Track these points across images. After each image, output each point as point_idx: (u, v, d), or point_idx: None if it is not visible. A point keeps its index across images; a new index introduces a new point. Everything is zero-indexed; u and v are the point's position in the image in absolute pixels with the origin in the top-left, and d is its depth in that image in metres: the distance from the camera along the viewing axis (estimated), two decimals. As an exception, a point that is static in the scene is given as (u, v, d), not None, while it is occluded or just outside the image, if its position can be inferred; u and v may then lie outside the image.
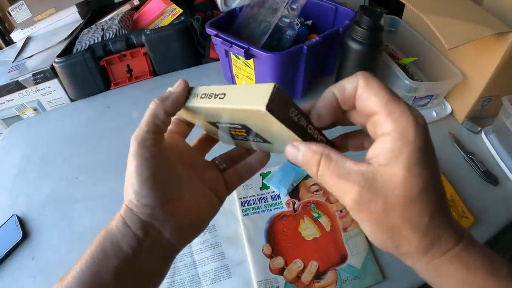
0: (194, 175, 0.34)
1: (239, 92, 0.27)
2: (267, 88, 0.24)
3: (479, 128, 0.75)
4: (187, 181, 0.33)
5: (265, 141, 0.31)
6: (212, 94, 0.29)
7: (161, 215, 0.30)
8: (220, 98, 0.28)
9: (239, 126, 0.30)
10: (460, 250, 0.24)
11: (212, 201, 0.34)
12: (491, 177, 0.66)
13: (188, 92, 0.31)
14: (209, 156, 0.38)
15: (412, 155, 0.22)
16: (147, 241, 0.30)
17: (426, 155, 0.23)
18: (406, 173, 0.22)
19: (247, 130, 0.30)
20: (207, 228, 0.60)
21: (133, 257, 0.29)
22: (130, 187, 0.29)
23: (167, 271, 0.33)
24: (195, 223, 0.33)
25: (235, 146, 0.38)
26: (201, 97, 0.30)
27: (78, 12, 1.04)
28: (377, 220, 0.24)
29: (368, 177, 0.23)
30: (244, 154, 0.38)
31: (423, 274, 0.26)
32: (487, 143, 0.73)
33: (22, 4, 1.01)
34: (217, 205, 0.35)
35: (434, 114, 0.78)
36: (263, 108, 0.23)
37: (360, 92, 0.25)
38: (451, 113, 0.79)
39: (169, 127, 0.34)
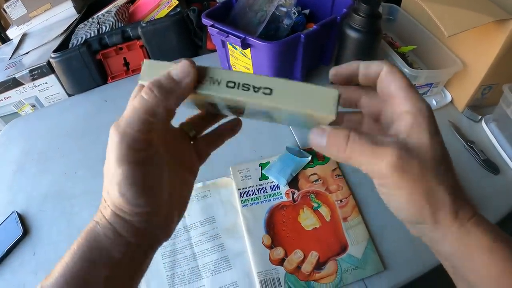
0: (173, 158, 0.30)
1: (289, 90, 0.25)
2: (331, 94, 0.24)
3: (479, 117, 0.75)
4: (171, 171, 0.29)
5: (268, 115, 0.30)
6: (249, 85, 0.25)
7: (157, 220, 0.28)
8: (264, 93, 0.25)
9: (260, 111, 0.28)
10: (480, 217, 0.26)
11: (189, 182, 0.32)
12: (491, 166, 0.66)
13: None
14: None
15: (431, 127, 0.26)
16: (144, 245, 0.28)
17: (437, 127, 0.26)
18: (431, 139, 0.25)
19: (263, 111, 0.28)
20: (206, 219, 0.60)
21: (126, 263, 0.27)
22: (118, 194, 0.25)
23: (150, 262, 0.31)
24: (179, 213, 0.31)
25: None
26: (228, 86, 0.25)
27: (74, 6, 1.03)
28: (415, 183, 0.25)
29: (401, 144, 0.25)
30: (213, 117, 0.34)
31: (452, 244, 0.26)
32: (488, 132, 0.72)
33: (17, 0, 1.00)
34: (193, 182, 0.33)
35: (434, 102, 0.77)
36: (333, 116, 0.24)
37: (384, 76, 0.28)
38: (451, 102, 0.79)
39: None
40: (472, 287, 0.26)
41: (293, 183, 0.64)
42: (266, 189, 0.63)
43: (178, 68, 0.25)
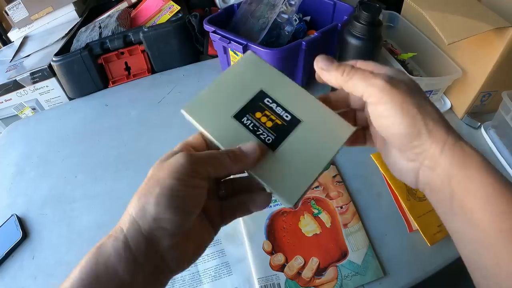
0: (204, 206, 0.32)
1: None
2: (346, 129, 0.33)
3: (479, 124, 0.75)
4: (200, 214, 0.31)
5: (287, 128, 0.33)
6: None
7: (170, 241, 0.28)
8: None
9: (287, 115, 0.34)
10: (462, 144, 0.28)
11: (209, 233, 0.33)
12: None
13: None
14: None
15: (398, 97, 0.28)
16: (148, 267, 0.27)
17: (404, 94, 0.28)
18: (409, 85, 0.29)
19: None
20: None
21: (130, 284, 0.26)
22: (153, 200, 0.27)
23: None
24: (193, 253, 0.31)
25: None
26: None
27: (75, 10, 1.04)
28: (405, 99, 0.27)
29: (389, 76, 0.29)
30: (247, 186, 0.35)
31: (452, 161, 0.27)
32: (487, 139, 0.73)
33: (19, 3, 1.01)
34: (212, 237, 0.33)
35: (434, 109, 0.78)
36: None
37: (348, 86, 0.31)
38: (451, 109, 0.79)
39: (192, 141, 0.34)
40: (467, 214, 0.27)
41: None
42: (266, 195, 0.63)
43: (249, 147, 0.31)
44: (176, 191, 0.27)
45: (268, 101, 0.33)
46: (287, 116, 0.33)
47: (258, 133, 0.32)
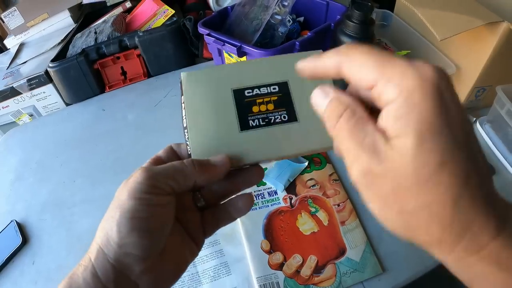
0: (180, 220, 0.30)
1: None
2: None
3: (474, 119, 0.76)
4: (176, 229, 0.29)
5: (290, 118, 0.32)
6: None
7: (140, 266, 0.26)
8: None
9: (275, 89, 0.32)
10: (500, 246, 0.18)
11: (191, 249, 0.31)
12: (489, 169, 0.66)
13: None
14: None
15: (422, 120, 0.18)
16: None
17: (444, 117, 0.18)
18: (418, 144, 0.18)
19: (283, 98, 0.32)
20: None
21: None
22: (115, 225, 0.25)
23: None
24: (172, 274, 0.30)
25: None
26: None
27: (71, 16, 1.04)
28: (386, 203, 0.20)
29: (380, 150, 0.19)
30: (227, 191, 0.32)
31: (453, 271, 0.21)
32: (483, 133, 0.73)
33: (15, 10, 1.01)
34: (195, 252, 0.31)
35: (429, 106, 0.78)
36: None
37: (347, 72, 0.22)
38: (446, 105, 0.80)
39: (161, 156, 0.31)
40: None
41: (290, 188, 0.64)
42: (264, 195, 0.64)
43: (217, 158, 0.29)
44: (136, 212, 0.25)
45: (248, 92, 0.32)
46: (274, 88, 0.32)
47: (272, 121, 0.31)
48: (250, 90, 0.32)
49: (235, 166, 0.30)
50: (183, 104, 0.32)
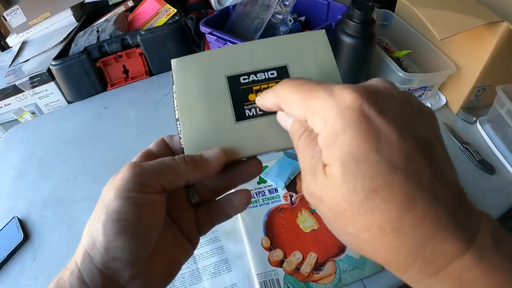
0: (173, 219, 0.29)
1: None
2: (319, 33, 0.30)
3: (474, 119, 0.76)
4: (167, 229, 0.28)
5: None
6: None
7: (129, 271, 0.24)
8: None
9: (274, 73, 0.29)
10: (463, 268, 0.17)
11: (185, 248, 0.29)
12: (487, 166, 0.67)
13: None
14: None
15: (344, 150, 0.18)
16: None
17: (368, 142, 0.18)
18: (343, 174, 0.18)
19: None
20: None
21: None
22: (101, 227, 0.23)
23: None
24: (165, 275, 0.27)
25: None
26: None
27: (73, 15, 1.05)
28: (330, 223, 0.21)
29: (318, 174, 0.20)
30: (222, 187, 0.30)
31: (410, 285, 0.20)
32: (483, 133, 0.73)
33: (17, 8, 1.02)
34: (190, 251, 0.29)
35: (429, 105, 0.79)
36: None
37: (284, 109, 0.24)
38: (446, 104, 0.80)
39: (153, 149, 0.29)
40: None
41: (291, 186, 0.65)
42: (264, 193, 0.64)
43: (211, 153, 0.27)
44: (123, 213, 0.23)
45: (244, 78, 0.29)
46: (272, 73, 0.29)
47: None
48: (246, 76, 0.29)
49: (230, 159, 0.28)
50: (174, 94, 0.30)
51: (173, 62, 0.31)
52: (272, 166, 0.67)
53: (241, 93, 0.29)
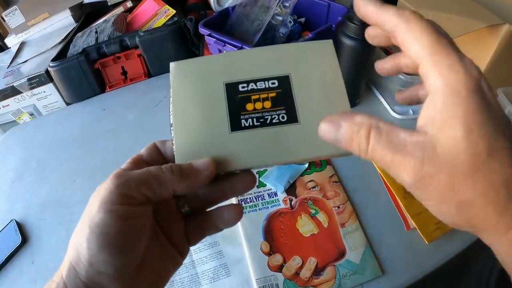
0: (161, 228, 0.28)
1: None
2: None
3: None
4: (154, 240, 0.27)
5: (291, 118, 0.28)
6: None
7: (115, 285, 0.24)
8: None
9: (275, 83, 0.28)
10: None
11: (173, 258, 0.28)
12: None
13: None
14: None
15: (469, 114, 0.19)
16: None
17: (487, 111, 0.19)
18: (467, 136, 0.19)
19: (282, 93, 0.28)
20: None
21: None
22: (85, 240, 0.23)
23: None
24: (153, 287, 0.27)
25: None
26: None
27: (72, 15, 1.04)
28: (444, 198, 0.20)
29: (427, 148, 0.20)
30: (214, 198, 0.29)
31: (504, 257, 0.22)
32: (483, 136, 0.73)
33: (16, 9, 1.01)
34: (179, 261, 0.29)
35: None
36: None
37: (400, 38, 0.22)
38: (446, 107, 0.79)
39: (143, 155, 0.29)
40: None
41: (290, 190, 0.64)
42: (264, 197, 0.64)
43: (200, 162, 0.26)
44: (107, 227, 0.23)
45: (243, 86, 0.28)
46: (273, 83, 0.28)
47: (268, 122, 0.27)
48: (245, 84, 0.28)
49: (222, 171, 0.27)
50: (171, 98, 0.29)
51: (172, 65, 0.30)
52: (271, 170, 0.67)
53: (239, 101, 0.28)
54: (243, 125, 0.27)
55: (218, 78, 0.29)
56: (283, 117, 0.27)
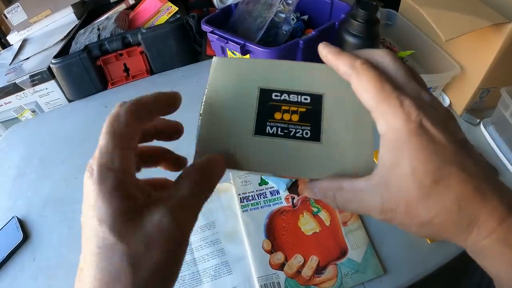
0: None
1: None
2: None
3: (478, 120, 0.75)
4: None
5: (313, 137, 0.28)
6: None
7: None
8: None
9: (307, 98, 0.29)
10: (508, 228, 0.22)
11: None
12: (491, 168, 0.66)
13: None
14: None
15: (412, 154, 0.22)
16: None
17: (430, 146, 0.22)
18: (413, 174, 0.22)
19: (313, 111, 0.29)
20: (206, 224, 0.61)
21: None
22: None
23: None
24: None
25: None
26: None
27: (74, 12, 1.04)
28: (407, 222, 0.24)
29: (382, 189, 0.24)
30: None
31: (472, 256, 0.25)
32: (486, 135, 0.72)
33: (18, 6, 1.01)
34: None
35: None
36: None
37: (353, 87, 0.25)
38: (450, 106, 0.79)
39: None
40: None
41: (292, 188, 0.64)
42: (266, 194, 0.64)
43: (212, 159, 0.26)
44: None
45: (276, 95, 0.29)
46: (305, 99, 0.29)
47: (291, 134, 0.28)
48: (279, 94, 0.29)
49: (232, 168, 0.28)
50: (206, 90, 0.30)
51: (214, 59, 0.31)
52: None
53: (269, 108, 0.29)
54: (267, 132, 0.28)
55: (255, 82, 0.30)
56: (306, 133, 0.28)
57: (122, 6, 1.06)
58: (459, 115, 0.77)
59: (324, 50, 0.27)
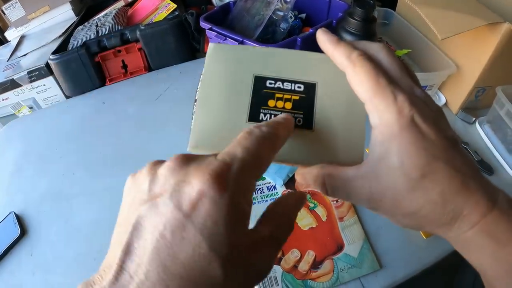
0: None
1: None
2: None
3: (473, 119, 0.76)
4: None
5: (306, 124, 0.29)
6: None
7: None
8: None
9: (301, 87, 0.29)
10: (491, 221, 0.22)
11: None
12: (486, 166, 0.67)
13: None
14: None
15: (401, 148, 0.23)
16: None
17: (419, 141, 0.23)
18: (401, 167, 0.23)
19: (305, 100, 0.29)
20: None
21: None
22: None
23: None
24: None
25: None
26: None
27: (72, 9, 1.04)
28: (393, 212, 0.24)
29: (370, 178, 0.24)
30: None
31: (455, 247, 0.25)
32: (482, 134, 0.73)
33: (16, 2, 1.01)
34: None
35: (429, 105, 0.78)
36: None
37: (348, 77, 0.25)
38: (445, 104, 0.80)
39: None
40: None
41: (289, 183, 0.65)
42: (263, 190, 0.64)
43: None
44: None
45: (270, 82, 0.29)
46: (299, 87, 0.29)
47: None
48: (273, 81, 0.29)
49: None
50: (201, 76, 0.30)
51: (210, 45, 0.31)
52: (271, 164, 0.67)
53: (263, 95, 0.29)
54: (260, 118, 0.28)
55: (250, 69, 0.30)
56: (299, 121, 0.28)
57: (120, 3, 1.06)
58: (454, 113, 0.78)
59: (322, 36, 0.27)
